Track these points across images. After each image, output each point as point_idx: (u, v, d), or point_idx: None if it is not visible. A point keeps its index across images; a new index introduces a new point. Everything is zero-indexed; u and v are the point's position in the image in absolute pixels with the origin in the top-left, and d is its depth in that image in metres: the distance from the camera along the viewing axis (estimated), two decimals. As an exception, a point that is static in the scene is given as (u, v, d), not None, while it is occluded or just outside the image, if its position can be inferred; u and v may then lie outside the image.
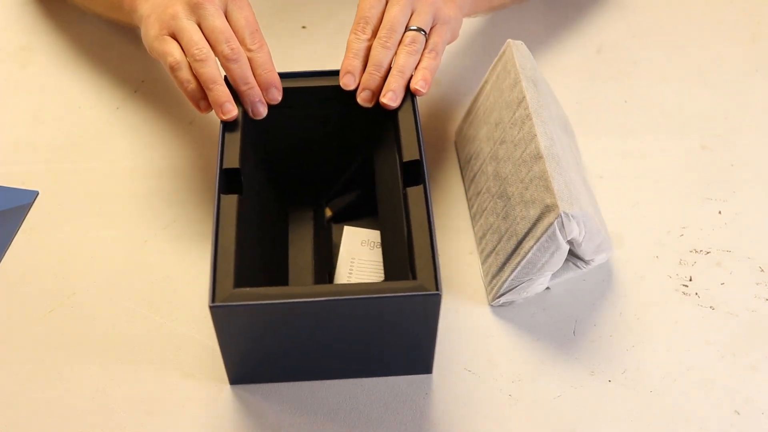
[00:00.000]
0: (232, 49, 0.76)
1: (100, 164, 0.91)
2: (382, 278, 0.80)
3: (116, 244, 0.84)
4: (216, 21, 0.77)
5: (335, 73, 0.79)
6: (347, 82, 0.78)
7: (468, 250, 0.84)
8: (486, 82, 0.88)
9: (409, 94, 0.78)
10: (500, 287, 0.77)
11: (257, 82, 0.77)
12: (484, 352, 0.76)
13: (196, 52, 0.75)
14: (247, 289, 0.66)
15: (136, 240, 0.84)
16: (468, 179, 0.88)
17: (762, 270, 0.82)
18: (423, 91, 0.78)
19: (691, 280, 0.82)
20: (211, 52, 0.76)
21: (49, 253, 0.83)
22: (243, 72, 0.76)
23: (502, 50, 0.86)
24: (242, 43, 0.77)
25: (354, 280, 0.81)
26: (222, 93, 0.75)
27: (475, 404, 0.73)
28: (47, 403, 0.73)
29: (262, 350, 0.72)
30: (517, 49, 0.84)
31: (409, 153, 0.74)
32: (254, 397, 0.74)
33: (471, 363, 0.75)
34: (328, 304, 0.66)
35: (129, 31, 1.03)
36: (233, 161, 0.73)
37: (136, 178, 0.90)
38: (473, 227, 0.85)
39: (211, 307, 0.65)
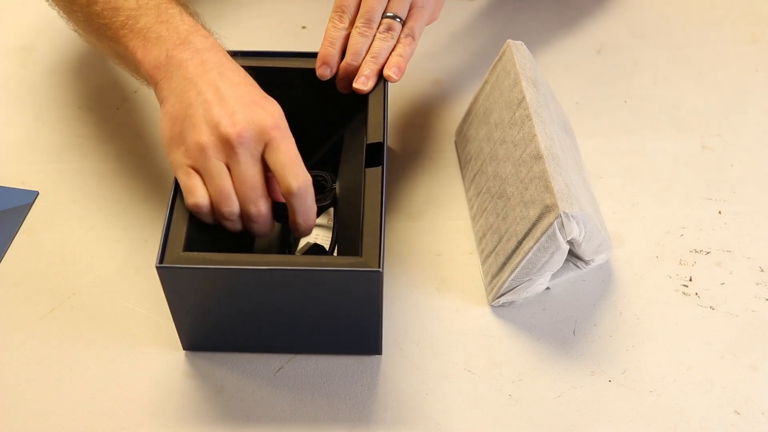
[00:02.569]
0: (258, 213, 0.70)
1: (100, 164, 0.91)
2: None
3: (116, 244, 0.84)
4: (249, 171, 0.68)
5: (311, 55, 0.81)
6: (323, 73, 0.80)
7: (468, 250, 0.84)
8: (486, 82, 0.88)
9: (382, 80, 0.80)
10: (500, 287, 0.77)
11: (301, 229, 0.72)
12: (484, 352, 0.76)
13: (225, 211, 0.69)
14: (195, 253, 0.67)
15: (136, 240, 0.84)
16: (468, 179, 0.88)
17: (762, 270, 0.82)
18: (395, 77, 0.80)
19: (691, 280, 0.82)
20: (238, 206, 0.69)
21: (49, 253, 0.83)
22: (263, 230, 0.72)
23: (502, 50, 0.86)
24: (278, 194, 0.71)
25: None
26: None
27: (474, 404, 0.73)
28: (47, 403, 0.73)
29: (211, 317, 0.72)
30: (517, 49, 0.84)
31: (374, 136, 0.75)
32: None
33: (471, 363, 0.75)
34: (272, 273, 0.66)
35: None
36: None
37: (136, 178, 0.90)
38: (473, 227, 0.85)
39: (157, 268, 0.66)
